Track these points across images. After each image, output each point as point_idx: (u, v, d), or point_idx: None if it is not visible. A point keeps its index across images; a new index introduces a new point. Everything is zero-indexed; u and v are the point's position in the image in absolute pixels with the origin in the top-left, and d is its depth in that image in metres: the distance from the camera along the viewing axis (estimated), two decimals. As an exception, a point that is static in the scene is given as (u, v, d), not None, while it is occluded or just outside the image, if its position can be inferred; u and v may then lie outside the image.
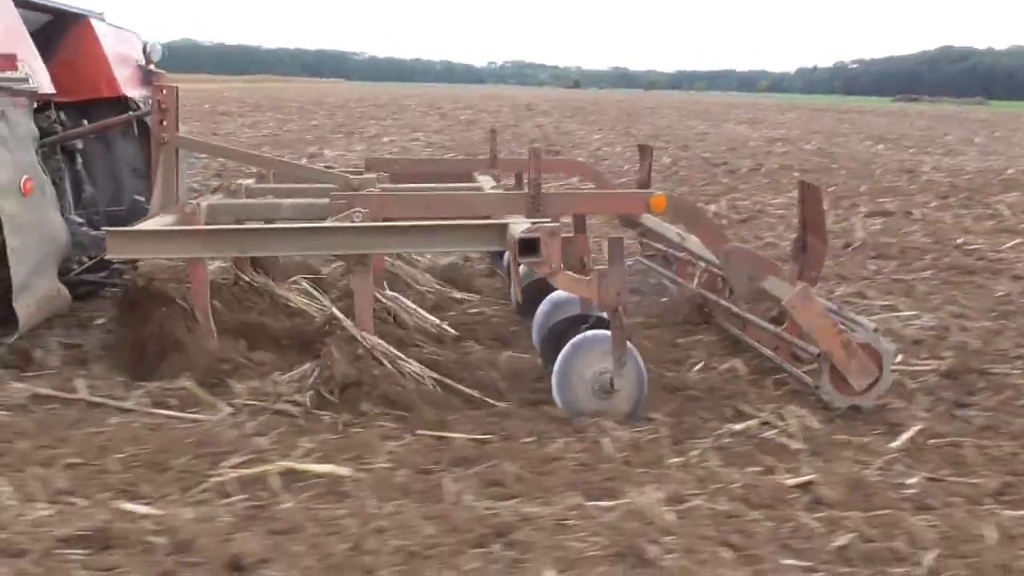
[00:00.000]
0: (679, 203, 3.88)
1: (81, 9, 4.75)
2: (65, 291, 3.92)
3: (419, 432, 3.09)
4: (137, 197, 4.73)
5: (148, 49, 5.01)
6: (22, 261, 3.55)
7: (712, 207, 9.08)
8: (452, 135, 19.39)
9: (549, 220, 3.47)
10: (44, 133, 4.22)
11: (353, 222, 3.63)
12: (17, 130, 3.68)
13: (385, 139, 17.86)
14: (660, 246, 5.07)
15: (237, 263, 4.37)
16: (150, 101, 4.51)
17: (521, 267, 3.69)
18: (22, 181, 3.58)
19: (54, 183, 4.27)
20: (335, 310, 3.92)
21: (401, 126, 21.88)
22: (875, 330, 3.50)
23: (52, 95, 4.12)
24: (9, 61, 3.64)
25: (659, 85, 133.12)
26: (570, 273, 3.33)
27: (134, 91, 4.73)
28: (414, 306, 4.31)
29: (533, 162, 3.72)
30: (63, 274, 3.98)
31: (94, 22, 4.72)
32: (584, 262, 4.00)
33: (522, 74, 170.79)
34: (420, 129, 20.90)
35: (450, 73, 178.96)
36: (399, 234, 3.62)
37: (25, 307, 3.60)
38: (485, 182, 4.79)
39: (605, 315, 3.33)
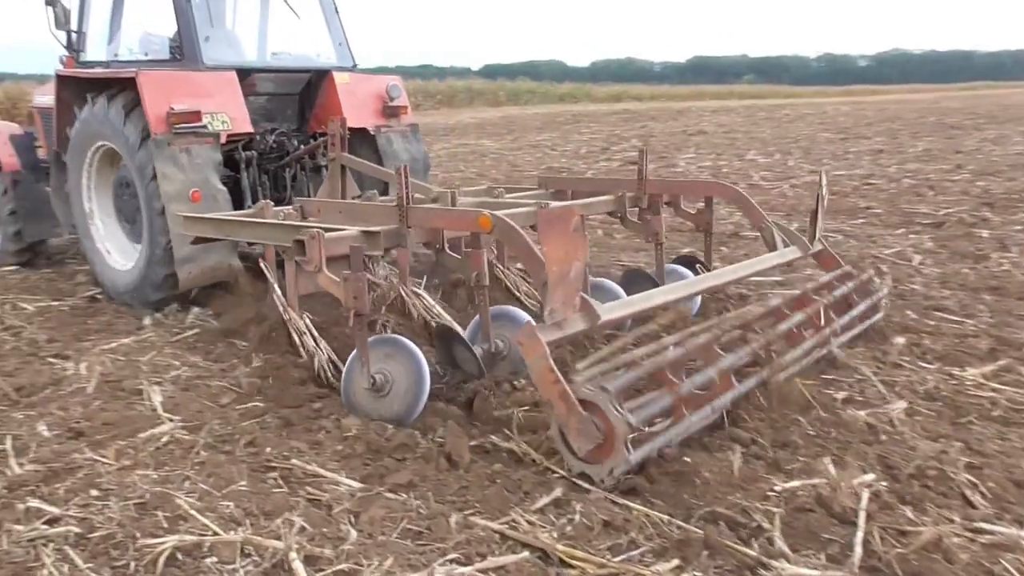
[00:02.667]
0: (502, 225, 3.72)
1: (328, 66, 6.37)
2: (237, 264, 5.40)
3: None
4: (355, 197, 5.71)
5: (388, 90, 6.37)
6: (183, 244, 5.08)
7: None
8: None
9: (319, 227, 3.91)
10: (281, 156, 6.19)
11: (277, 219, 4.55)
12: (195, 160, 5.23)
13: None
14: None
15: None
16: (382, 129, 6.26)
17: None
18: (190, 192, 5.15)
19: (290, 187, 6.23)
20: (277, 288, 4.30)
21: None
22: (605, 389, 2.89)
23: (249, 133, 5.64)
24: (195, 115, 5.23)
25: None
26: (329, 275, 3.70)
27: (368, 122, 6.21)
28: (431, 302, 4.53)
29: (399, 178, 4.02)
30: None
31: (336, 74, 6.24)
32: (478, 275, 4.07)
33: None
34: None
35: None
36: (251, 227, 4.47)
37: (186, 272, 5.25)
38: (597, 203, 5.07)
39: None
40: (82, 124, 5.68)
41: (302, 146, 6.28)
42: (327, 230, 3.83)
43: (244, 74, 5.79)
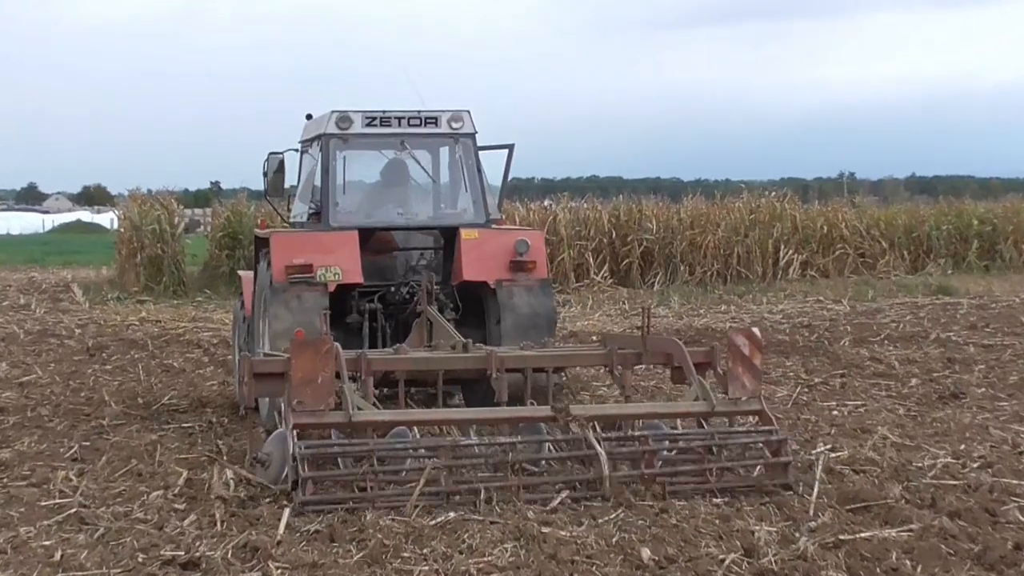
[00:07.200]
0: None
1: (455, 223, 6.83)
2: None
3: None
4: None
5: (516, 245, 6.59)
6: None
7: None
8: None
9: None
10: (405, 301, 6.68)
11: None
12: (307, 304, 6.12)
13: None
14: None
15: None
16: (503, 283, 6.48)
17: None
18: (295, 331, 5.65)
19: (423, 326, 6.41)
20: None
21: None
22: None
23: (356, 284, 6.40)
24: (307, 268, 6.17)
25: None
26: (246, 385, 5.44)
27: (490, 276, 6.51)
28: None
29: (321, 324, 5.78)
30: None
31: (463, 230, 6.62)
32: None
33: None
34: None
35: None
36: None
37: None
38: (590, 356, 6.44)
39: None
40: (259, 271, 6.82)
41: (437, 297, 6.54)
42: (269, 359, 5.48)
43: (369, 233, 6.66)
